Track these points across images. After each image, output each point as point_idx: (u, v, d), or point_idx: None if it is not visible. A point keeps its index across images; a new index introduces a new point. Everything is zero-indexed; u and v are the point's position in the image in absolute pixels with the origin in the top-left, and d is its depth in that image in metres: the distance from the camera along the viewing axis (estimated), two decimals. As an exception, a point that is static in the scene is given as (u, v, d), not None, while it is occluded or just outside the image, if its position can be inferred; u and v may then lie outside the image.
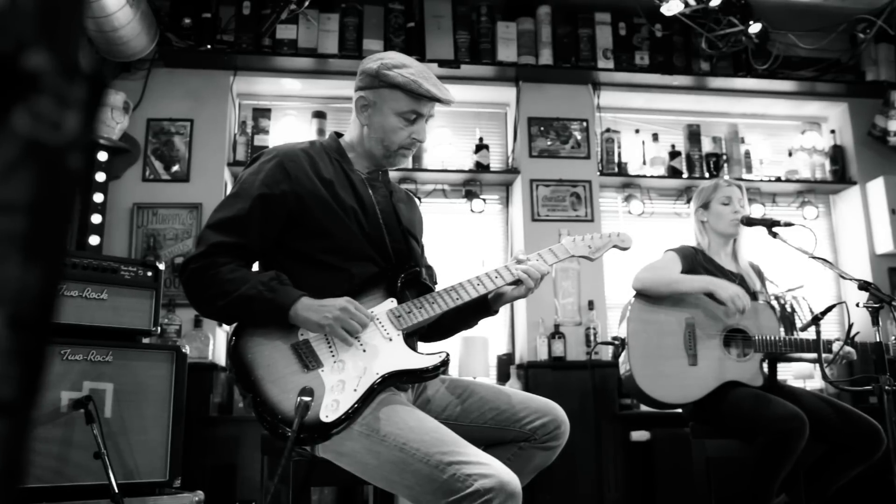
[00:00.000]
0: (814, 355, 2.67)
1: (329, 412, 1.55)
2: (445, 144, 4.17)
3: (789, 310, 4.08)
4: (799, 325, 4.03)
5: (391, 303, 1.76)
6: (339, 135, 1.94)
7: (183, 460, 2.67)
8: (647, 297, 2.73)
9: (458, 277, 1.84)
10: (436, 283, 2.01)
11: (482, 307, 1.91)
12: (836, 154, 4.53)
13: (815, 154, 4.50)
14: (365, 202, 1.83)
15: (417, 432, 1.55)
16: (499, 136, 4.42)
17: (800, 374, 4.11)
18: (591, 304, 3.97)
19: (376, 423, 1.58)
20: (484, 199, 4.17)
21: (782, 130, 4.68)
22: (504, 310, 4.16)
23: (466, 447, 1.54)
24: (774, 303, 4.09)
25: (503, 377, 3.91)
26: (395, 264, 1.82)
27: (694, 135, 4.39)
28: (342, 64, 4.01)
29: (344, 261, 1.76)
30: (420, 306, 1.76)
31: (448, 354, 1.73)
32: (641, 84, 4.33)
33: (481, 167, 4.15)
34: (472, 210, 4.14)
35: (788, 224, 2.65)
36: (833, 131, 4.59)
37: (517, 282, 1.83)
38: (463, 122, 4.39)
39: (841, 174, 4.51)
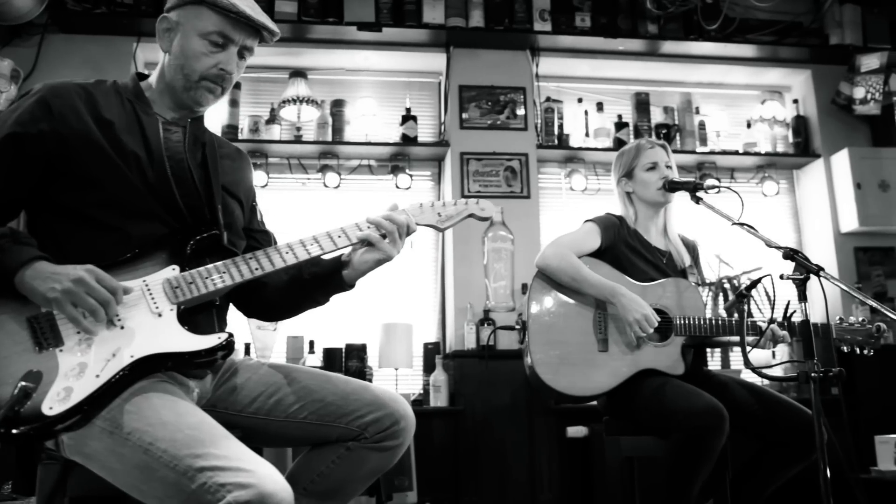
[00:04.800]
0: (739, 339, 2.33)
1: (55, 403, 1.22)
2: (370, 116, 3.82)
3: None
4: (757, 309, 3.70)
5: (172, 271, 1.42)
6: (142, 76, 1.63)
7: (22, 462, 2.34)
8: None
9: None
10: None
11: (330, 278, 1.57)
12: (799, 125, 4.16)
13: (777, 125, 4.14)
14: (153, 148, 1.50)
15: (170, 429, 1.22)
16: (432, 108, 4.07)
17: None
18: (524, 288, 3.62)
19: (122, 417, 1.25)
20: (411, 175, 3.82)
21: (741, 100, 4.32)
22: (433, 292, 3.91)
23: (228, 448, 1.20)
24: (728, 285, 3.77)
25: (429, 368, 3.58)
26: (190, 225, 1.48)
27: (642, 104, 4.04)
28: (253, 27, 3.66)
29: (120, 218, 1.43)
30: (207, 276, 1.42)
31: (231, 335, 1.39)
32: (585, 49, 3.97)
33: (408, 140, 3.80)
34: (397, 186, 3.79)
35: (713, 187, 2.32)
36: (796, 101, 4.22)
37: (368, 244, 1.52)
38: (391, 92, 4.03)
39: (804, 147, 4.15)
